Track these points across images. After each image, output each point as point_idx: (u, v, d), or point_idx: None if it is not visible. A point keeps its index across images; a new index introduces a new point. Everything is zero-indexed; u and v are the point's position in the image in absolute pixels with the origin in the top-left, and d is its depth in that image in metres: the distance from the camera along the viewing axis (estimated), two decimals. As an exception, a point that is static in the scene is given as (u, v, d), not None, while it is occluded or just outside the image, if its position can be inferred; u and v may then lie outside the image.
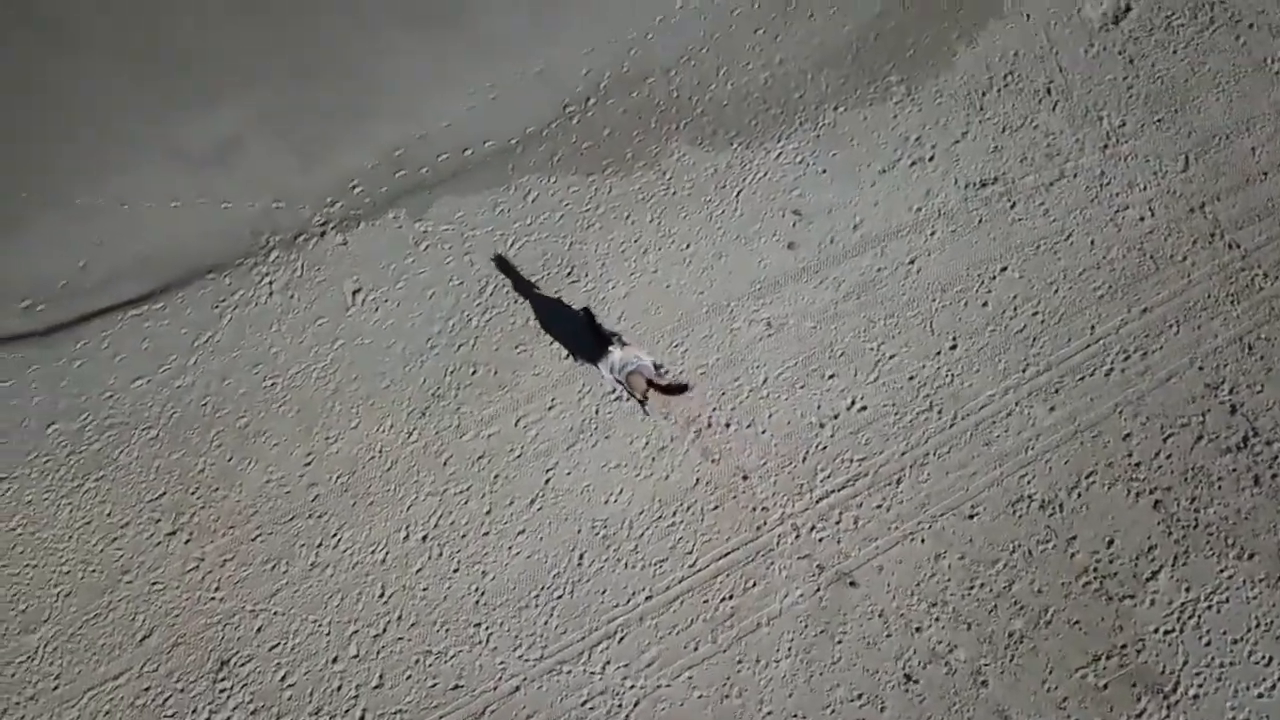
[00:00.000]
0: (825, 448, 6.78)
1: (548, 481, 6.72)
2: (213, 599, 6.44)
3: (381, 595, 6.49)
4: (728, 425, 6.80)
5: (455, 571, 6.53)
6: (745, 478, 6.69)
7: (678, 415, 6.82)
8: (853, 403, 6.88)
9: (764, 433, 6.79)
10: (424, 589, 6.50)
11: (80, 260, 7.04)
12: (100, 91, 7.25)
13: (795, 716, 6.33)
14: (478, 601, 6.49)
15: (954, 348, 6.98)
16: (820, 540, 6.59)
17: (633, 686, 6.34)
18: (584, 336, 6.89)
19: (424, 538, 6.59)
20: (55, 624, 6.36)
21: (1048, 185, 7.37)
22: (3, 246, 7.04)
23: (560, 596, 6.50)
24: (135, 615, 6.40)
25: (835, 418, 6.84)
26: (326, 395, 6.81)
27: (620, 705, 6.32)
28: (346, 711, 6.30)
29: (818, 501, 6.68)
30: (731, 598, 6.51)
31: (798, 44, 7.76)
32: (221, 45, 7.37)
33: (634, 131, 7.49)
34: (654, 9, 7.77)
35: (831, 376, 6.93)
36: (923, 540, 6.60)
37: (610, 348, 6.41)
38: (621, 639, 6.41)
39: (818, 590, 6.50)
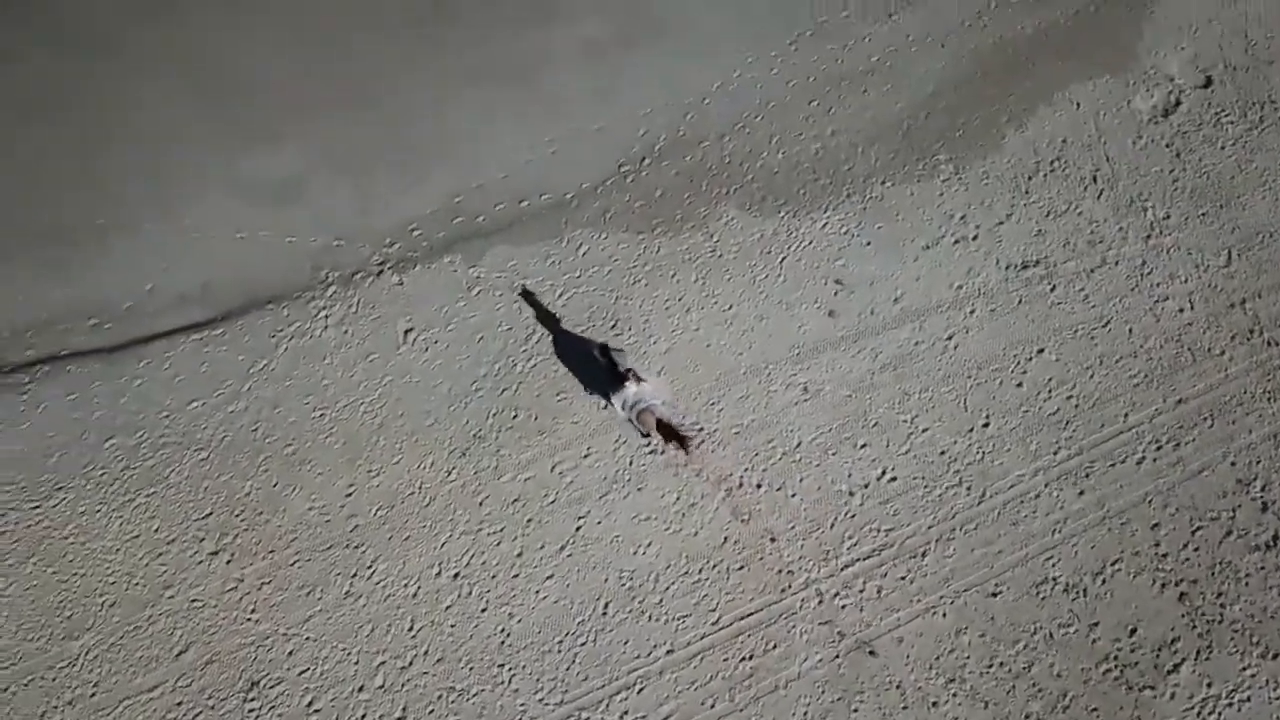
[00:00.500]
0: (854, 515, 7.21)
1: (578, 529, 7.20)
2: (248, 620, 6.95)
3: (410, 629, 6.96)
4: (759, 486, 7.26)
5: (483, 611, 7.00)
6: (773, 540, 7.13)
7: (710, 473, 7.29)
8: (883, 473, 7.32)
9: (794, 496, 7.24)
10: (452, 626, 6.97)
11: (148, 284, 7.71)
12: (179, 125, 7.99)
13: (808, 782, 6.70)
14: (503, 642, 6.95)
15: (986, 426, 7.42)
16: (843, 607, 7.01)
17: (649, 739, 6.76)
18: (604, 371, 7.39)
19: (455, 575, 7.07)
20: (98, 633, 6.90)
21: (1089, 272, 7.84)
22: (77, 267, 7.72)
23: (583, 644, 6.94)
24: (174, 630, 6.92)
25: (865, 487, 7.28)
26: (372, 429, 7.37)
27: (636, 756, 6.74)
28: (368, 741, 6.77)
29: (843, 569, 7.10)
30: (751, 658, 6.92)
31: (850, 117, 8.34)
32: (295, 88, 8.09)
33: (685, 193, 8.08)
34: (712, 76, 8.41)
35: (864, 445, 7.38)
36: (944, 615, 6.99)
37: (625, 383, 6.91)
38: (640, 690, 6.83)
39: (837, 657, 6.90)
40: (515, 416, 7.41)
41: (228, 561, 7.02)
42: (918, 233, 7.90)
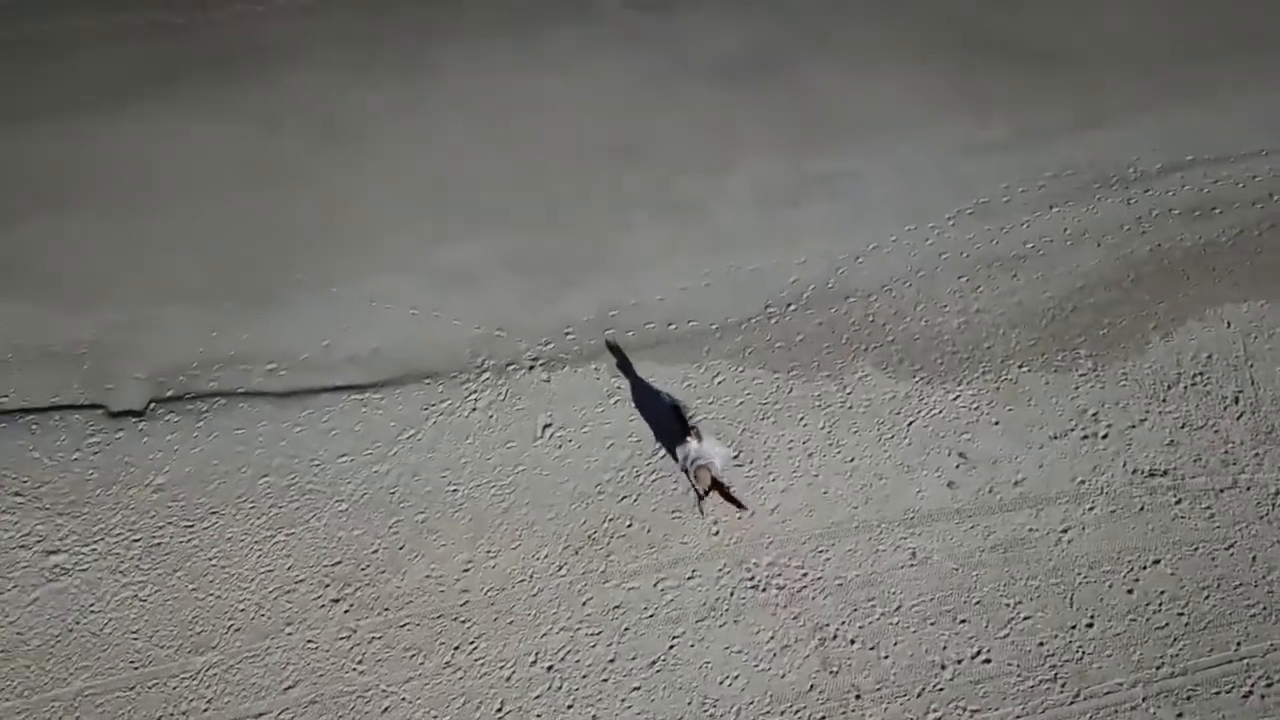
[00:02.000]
0: (942, 689, 7.91)
1: (671, 648, 8.11)
2: (354, 670, 8.06)
3: (499, 711, 7.94)
4: (852, 642, 8.06)
5: (569, 708, 7.93)
6: (858, 697, 7.88)
7: (806, 619, 8.14)
8: (978, 653, 8.03)
9: (885, 658, 8.01)
10: (537, 716, 7.92)
11: (324, 340, 9.19)
12: (388, 207, 9.62)
13: None
14: (582, 743, 7.84)
15: (1090, 626, 8.07)
16: (918, 780, 7.66)
17: None
18: (671, 425, 8.49)
19: (549, 668, 8.05)
20: (221, 653, 8.11)
21: (1218, 491, 8.51)
22: (267, 315, 9.28)
23: (658, 761, 7.77)
24: (287, 665, 8.07)
25: (958, 663, 7.99)
26: (498, 513, 8.53)
27: None
28: (440, 811, 7.69)
29: (923, 741, 7.77)
30: (819, 812, 7.61)
31: (996, 298, 9.35)
32: (499, 195, 9.71)
33: (824, 343, 9.18)
34: (869, 237, 9.60)
35: (963, 621, 8.12)
36: (1021, 811, 7.55)
37: (689, 438, 7.92)
38: (706, 820, 7.58)
39: (905, 830, 7.52)
40: (630, 525, 8.45)
41: (346, 611, 8.17)
42: (1047, 421, 8.73)
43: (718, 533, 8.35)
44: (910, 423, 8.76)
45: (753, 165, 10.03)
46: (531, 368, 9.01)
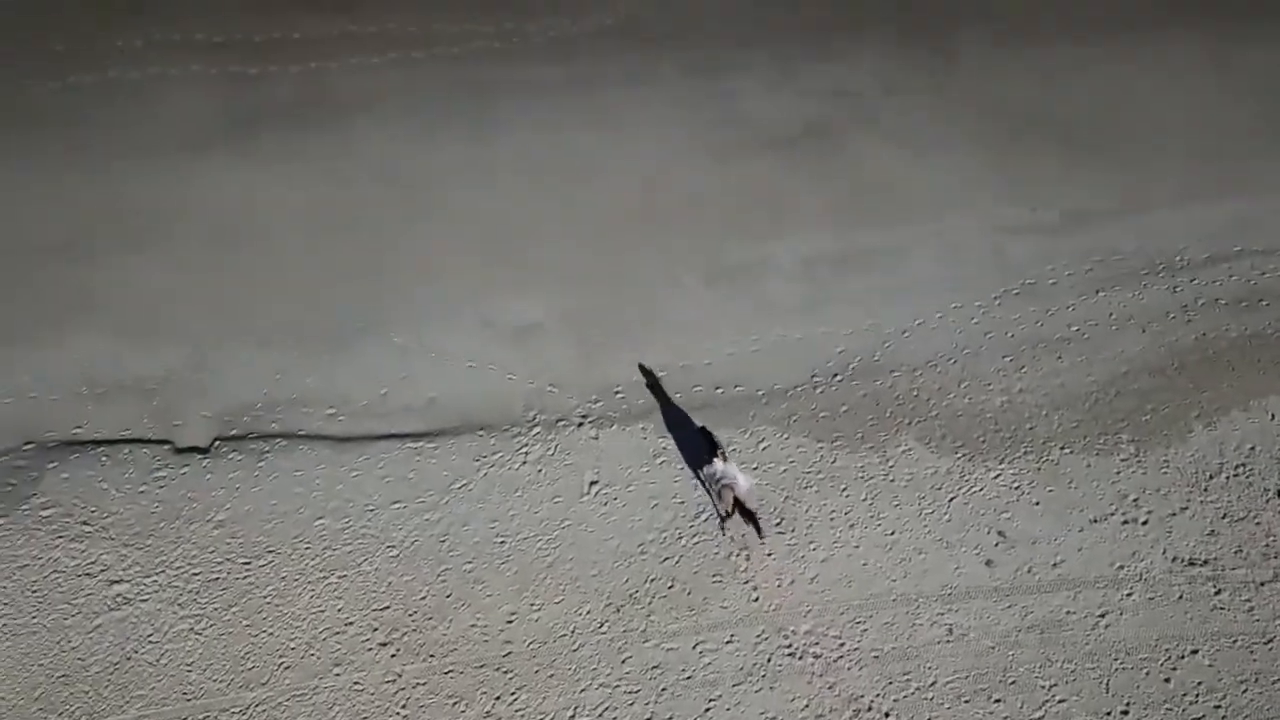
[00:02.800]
0: (975, 769, 8.06)
1: (707, 711, 8.33)
2: (398, 714, 8.35)
3: (536, 763, 8.18)
4: (887, 715, 8.24)
5: (605, 765, 8.15)
6: (891, 771, 8.05)
7: (842, 690, 8.34)
8: (1012, 734, 8.17)
9: (919, 734, 8.17)
10: (573, 771, 8.15)
11: (383, 388, 9.61)
12: (451, 261, 10.11)
13: None
14: (615, 801, 8.05)
15: (1125, 714, 8.20)
16: None
17: None
18: (698, 445, 8.78)
19: (586, 724, 8.29)
20: (270, 690, 8.43)
21: (1259, 584, 8.64)
22: (330, 361, 9.72)
23: (689, 824, 7.96)
24: (333, 706, 8.37)
25: (992, 743, 8.14)
26: (543, 566, 8.84)
27: None
28: None
29: (954, 820, 7.91)
30: None
31: (1040, 379, 9.60)
32: (562, 255, 10.21)
33: (869, 415, 9.46)
34: (916, 312, 9.91)
35: (998, 701, 8.28)
36: None
37: (715, 458, 8.28)
38: None
39: None
40: (671, 587, 8.72)
41: (393, 655, 8.48)
42: (1088, 504, 8.93)
43: (757, 598, 8.58)
44: (951, 499, 8.99)
45: (802, 235, 10.42)
46: (581, 424, 9.36)
